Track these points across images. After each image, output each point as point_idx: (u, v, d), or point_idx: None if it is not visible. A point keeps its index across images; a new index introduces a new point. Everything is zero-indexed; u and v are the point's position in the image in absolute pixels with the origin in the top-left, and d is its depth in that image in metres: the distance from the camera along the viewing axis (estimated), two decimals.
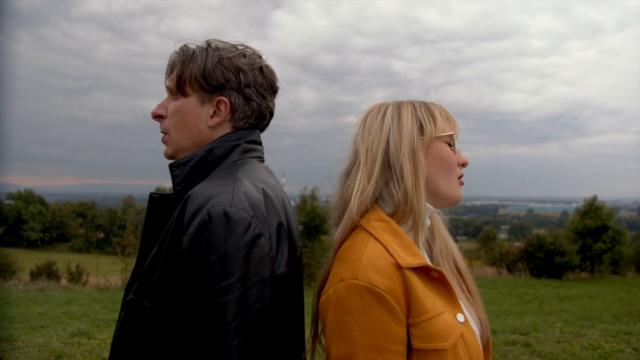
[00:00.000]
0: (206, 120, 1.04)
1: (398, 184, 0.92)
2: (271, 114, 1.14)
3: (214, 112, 1.04)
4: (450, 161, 0.97)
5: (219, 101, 1.03)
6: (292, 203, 1.16)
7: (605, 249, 21.01)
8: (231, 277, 0.81)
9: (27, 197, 56.45)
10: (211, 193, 0.88)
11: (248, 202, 0.89)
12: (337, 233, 0.95)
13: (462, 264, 1.06)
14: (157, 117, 1.07)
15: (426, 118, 0.95)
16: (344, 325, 0.81)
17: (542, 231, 23.42)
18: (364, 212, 0.93)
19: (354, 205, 0.92)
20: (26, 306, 9.48)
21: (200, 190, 0.90)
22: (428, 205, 0.96)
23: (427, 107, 0.98)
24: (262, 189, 0.96)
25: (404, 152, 0.92)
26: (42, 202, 57.13)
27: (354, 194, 0.93)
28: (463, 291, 1.02)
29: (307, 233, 18.10)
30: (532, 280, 17.39)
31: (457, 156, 0.99)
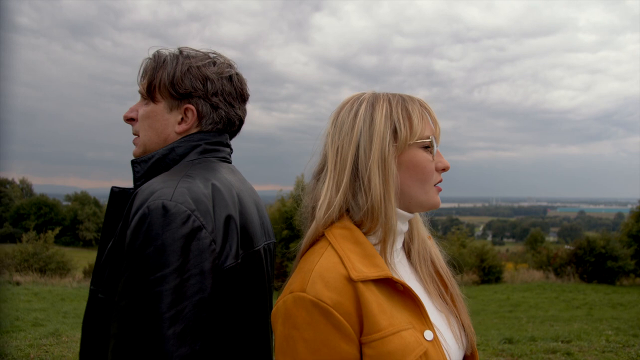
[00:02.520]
0: (174, 126, 1.08)
1: (365, 194, 0.85)
2: (240, 121, 1.17)
3: (182, 118, 1.08)
4: (427, 170, 0.89)
5: (186, 108, 1.07)
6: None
7: None
8: (167, 267, 0.84)
9: (83, 199, 59.30)
10: (155, 188, 0.91)
11: (191, 197, 0.91)
12: (302, 241, 0.91)
13: (443, 266, 1.00)
14: (129, 120, 1.12)
15: (401, 121, 0.87)
16: (290, 340, 0.77)
17: (594, 234, 22.24)
18: (330, 223, 0.88)
19: (320, 217, 0.87)
20: (78, 302, 10.00)
21: (147, 186, 0.93)
22: (402, 212, 0.91)
23: (405, 105, 0.89)
24: (213, 185, 0.98)
25: (373, 160, 0.85)
26: (96, 203, 59.86)
27: (319, 205, 0.88)
28: (443, 297, 0.96)
29: None
30: (581, 285, 16.57)
31: (436, 160, 0.91)
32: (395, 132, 0.87)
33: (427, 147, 0.90)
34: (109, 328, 0.88)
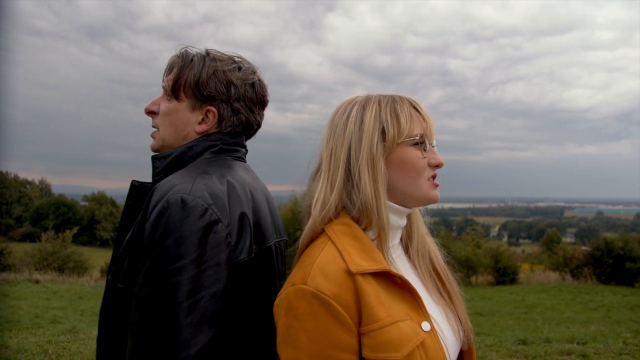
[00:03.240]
0: (194, 125, 1.11)
1: (358, 193, 0.89)
2: (258, 125, 1.20)
3: (202, 119, 1.11)
4: (417, 166, 0.92)
5: (208, 110, 1.10)
6: None
7: None
8: (185, 258, 0.87)
9: (100, 199, 60.18)
10: (174, 183, 0.95)
11: (208, 192, 0.94)
12: (301, 237, 0.94)
13: (441, 263, 1.03)
14: (150, 112, 1.14)
15: (389, 121, 0.90)
16: (292, 330, 0.80)
17: (612, 235, 21.85)
18: (329, 220, 0.91)
19: (316, 215, 0.90)
20: (95, 301, 10.17)
21: (166, 181, 0.97)
22: (398, 207, 0.93)
23: (394, 106, 0.92)
24: (228, 181, 1.01)
25: (363, 160, 0.89)
26: (113, 203, 60.74)
27: (314, 203, 0.92)
28: (440, 293, 0.98)
29: None
30: (599, 287, 16.30)
31: (429, 157, 0.94)
32: (383, 132, 0.90)
33: (419, 144, 0.93)
34: (126, 316, 0.91)
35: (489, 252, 18.92)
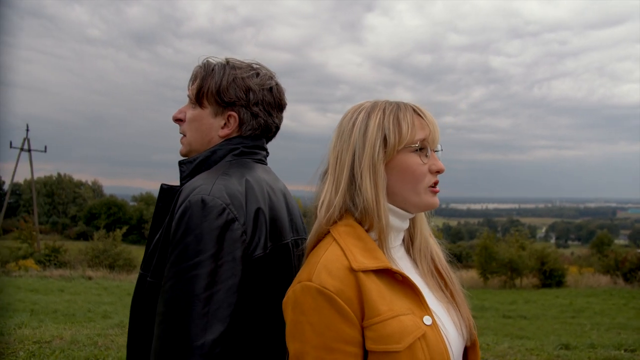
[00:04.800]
0: (217, 130, 1.19)
1: (360, 196, 0.93)
2: (277, 128, 1.28)
3: (225, 124, 1.19)
4: (417, 172, 0.95)
5: (229, 115, 1.19)
6: None
7: None
8: (204, 254, 0.95)
9: (148, 199, 62.24)
10: (196, 185, 1.03)
11: (227, 192, 1.01)
12: (308, 238, 0.99)
13: (443, 264, 1.05)
14: (177, 120, 1.24)
15: (391, 128, 0.94)
16: (299, 324, 0.85)
17: None
18: (334, 222, 0.95)
19: (322, 216, 0.95)
20: None
21: (190, 183, 1.06)
22: (400, 211, 0.98)
23: (397, 113, 0.96)
24: (246, 181, 1.09)
25: (365, 165, 0.93)
26: None
27: (319, 205, 0.97)
28: (443, 291, 1.01)
29: None
30: None
31: (430, 163, 0.97)
32: (385, 139, 0.94)
33: (419, 150, 0.96)
34: (154, 308, 1.01)
35: (534, 253, 18.27)
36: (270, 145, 1.33)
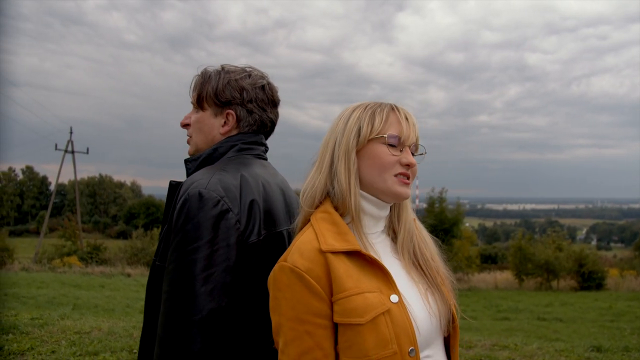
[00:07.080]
0: (218, 128, 1.33)
1: (336, 181, 1.04)
2: (272, 122, 1.40)
3: (224, 122, 1.33)
4: (384, 160, 1.03)
5: (227, 114, 1.32)
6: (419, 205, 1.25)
7: None
8: (201, 240, 1.07)
9: None
10: (195, 179, 1.16)
11: (221, 186, 1.14)
12: (295, 223, 1.11)
13: (426, 253, 1.11)
14: (185, 125, 1.39)
15: (366, 120, 1.05)
16: (276, 300, 0.97)
17: None
18: (317, 205, 1.06)
19: (305, 199, 1.07)
20: None
21: (190, 178, 1.19)
22: (373, 198, 1.06)
23: (374, 110, 1.06)
24: (242, 176, 1.21)
25: (341, 152, 1.04)
26: None
27: (302, 188, 1.08)
28: (425, 277, 1.08)
29: (436, 236, 17.60)
30: None
31: (401, 156, 1.05)
32: (359, 130, 1.05)
33: (392, 146, 1.05)
34: (161, 286, 1.14)
35: (572, 255, 17.73)
36: (302, 147, 1.48)
